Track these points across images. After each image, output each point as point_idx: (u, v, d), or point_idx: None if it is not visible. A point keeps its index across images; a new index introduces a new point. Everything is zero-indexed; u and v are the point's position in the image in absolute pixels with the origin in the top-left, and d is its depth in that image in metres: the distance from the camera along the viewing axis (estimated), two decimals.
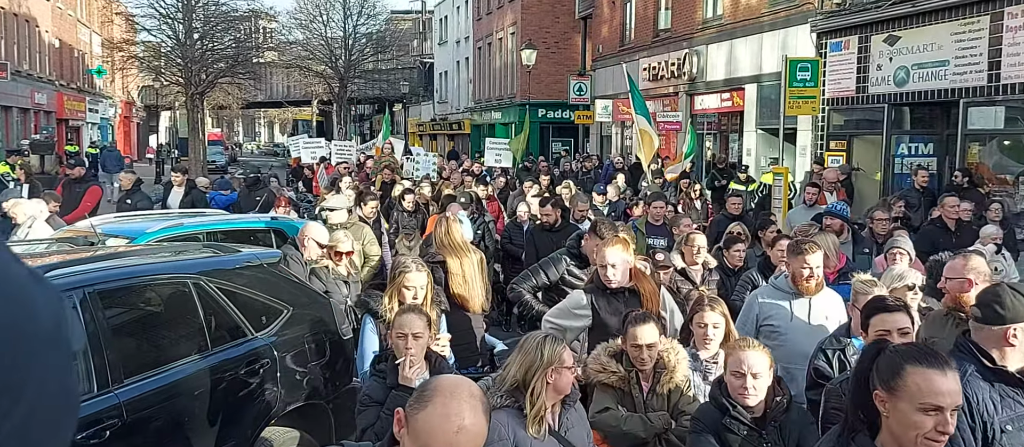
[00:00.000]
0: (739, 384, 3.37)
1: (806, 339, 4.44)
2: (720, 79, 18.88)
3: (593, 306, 4.69)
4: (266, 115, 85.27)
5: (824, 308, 4.74)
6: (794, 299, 4.77)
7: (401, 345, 3.85)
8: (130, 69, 38.26)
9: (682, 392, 3.96)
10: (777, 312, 4.78)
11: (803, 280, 4.72)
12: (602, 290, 4.71)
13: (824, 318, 4.68)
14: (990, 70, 11.83)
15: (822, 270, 4.81)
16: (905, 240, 6.24)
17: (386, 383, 3.81)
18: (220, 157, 44.22)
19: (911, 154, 13.96)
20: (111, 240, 6.52)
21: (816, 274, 4.73)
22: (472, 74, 37.39)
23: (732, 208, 9.62)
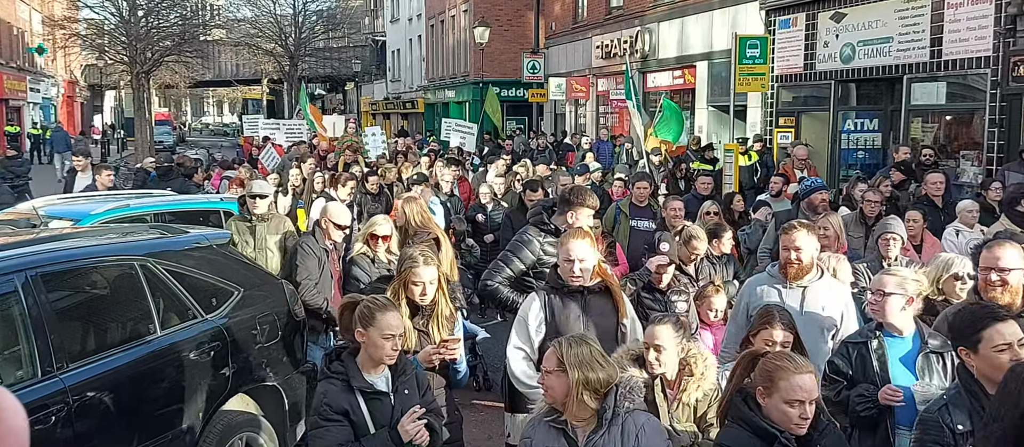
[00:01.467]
0: (797, 413, 2.90)
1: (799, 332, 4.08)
2: (672, 57, 19.03)
3: (546, 309, 4.12)
4: (215, 94, 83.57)
5: (819, 297, 4.33)
6: (785, 287, 4.37)
7: (385, 348, 3.35)
8: (72, 47, 37.07)
9: (710, 403, 3.65)
10: (766, 301, 4.33)
11: (788, 264, 4.34)
12: (560, 289, 4.15)
13: (819, 308, 4.31)
14: (932, 47, 12.13)
15: (812, 253, 4.37)
16: (898, 225, 5.90)
17: (346, 385, 3.35)
18: (168, 137, 43.30)
19: (857, 130, 14.27)
20: (54, 222, 6.35)
21: (803, 258, 4.32)
22: (425, 52, 37.07)
23: (701, 188, 9.34)
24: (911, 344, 3.78)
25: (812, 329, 4.22)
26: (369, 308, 3.37)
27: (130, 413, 4.15)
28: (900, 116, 13.09)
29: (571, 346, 3.07)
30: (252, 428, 4.87)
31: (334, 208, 6.24)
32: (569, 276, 4.10)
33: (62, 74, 44.46)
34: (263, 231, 6.80)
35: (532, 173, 11.76)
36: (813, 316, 4.30)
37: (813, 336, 4.21)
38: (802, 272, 4.35)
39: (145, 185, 11.57)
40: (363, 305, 3.41)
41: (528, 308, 4.16)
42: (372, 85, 45.28)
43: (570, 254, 4.08)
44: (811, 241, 4.36)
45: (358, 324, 3.37)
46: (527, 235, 4.95)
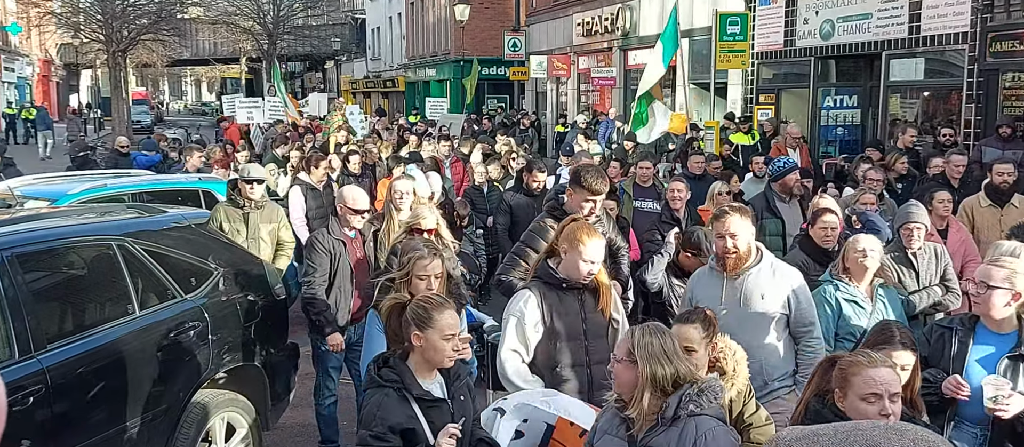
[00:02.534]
0: (876, 409, 2.66)
1: (737, 327, 3.85)
2: (653, 34, 18.98)
3: (543, 308, 3.82)
4: (193, 73, 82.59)
5: (759, 287, 4.05)
6: (726, 278, 4.11)
7: (445, 351, 3.12)
8: (47, 26, 36.45)
9: (745, 402, 3.45)
10: (707, 294, 4.14)
11: (725, 254, 4.07)
12: (554, 285, 3.85)
13: (759, 299, 4.05)
14: (910, 23, 12.19)
15: (749, 239, 4.09)
16: (921, 212, 5.49)
17: (401, 394, 3.07)
18: (145, 116, 42.81)
19: (836, 106, 14.35)
20: (30, 202, 6.29)
21: (739, 245, 4.03)
22: (405, 30, 36.78)
23: (694, 167, 9.10)
24: (1007, 343, 3.50)
25: (752, 322, 4.02)
26: (424, 308, 3.12)
27: (109, 394, 4.13)
28: (879, 92, 13.18)
29: (644, 336, 2.86)
30: (233, 408, 4.87)
31: (350, 192, 5.63)
32: (576, 275, 3.80)
33: (37, 53, 43.75)
34: (256, 219, 6.33)
35: (515, 149, 11.71)
36: (753, 308, 4.04)
37: (755, 330, 4.00)
38: (741, 261, 4.06)
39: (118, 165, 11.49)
40: (416, 305, 3.16)
41: (524, 306, 3.83)
42: (352, 63, 44.91)
43: (585, 255, 3.75)
44: (746, 225, 4.07)
45: (412, 326, 3.11)
46: (540, 226, 4.71)
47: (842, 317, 4.50)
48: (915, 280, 5.30)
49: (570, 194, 4.70)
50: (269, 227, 6.38)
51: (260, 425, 5.09)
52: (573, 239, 3.78)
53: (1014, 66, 10.95)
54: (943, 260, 5.43)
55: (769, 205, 6.67)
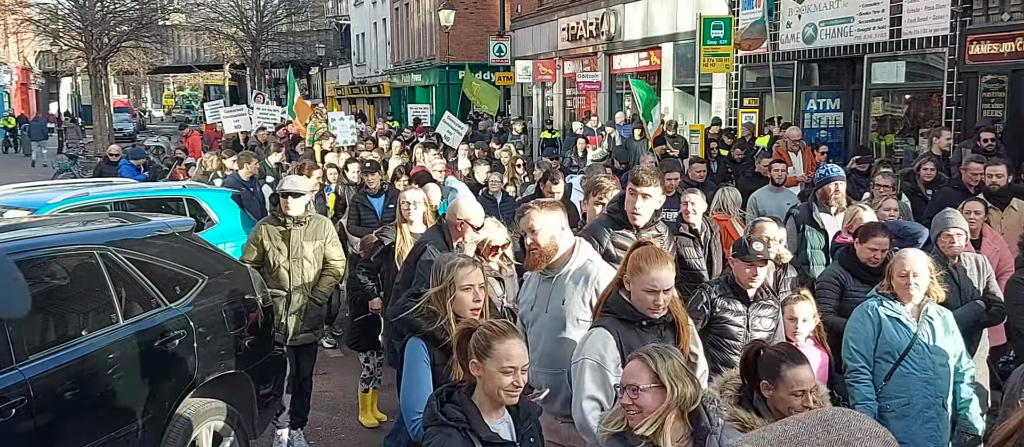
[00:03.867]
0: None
1: (543, 334, 3.80)
2: (637, 38, 19.08)
3: (622, 348, 3.32)
4: (176, 80, 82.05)
5: (565, 291, 3.79)
6: (540, 279, 3.95)
7: (504, 384, 2.82)
8: (25, 33, 36.10)
9: None
10: (525, 296, 4.09)
11: (529, 252, 3.88)
12: (634, 322, 3.38)
13: (560, 304, 3.79)
14: (892, 26, 12.31)
15: (552, 233, 3.78)
16: (959, 218, 5.19)
17: (465, 435, 2.79)
18: (127, 124, 42.52)
19: (820, 109, 14.45)
20: (11, 212, 6.21)
21: (541, 240, 3.75)
22: (390, 36, 36.73)
23: (695, 175, 8.75)
24: None
25: (555, 329, 3.72)
26: (485, 335, 2.86)
27: (93, 404, 4.08)
28: (861, 95, 13.29)
29: (664, 359, 2.73)
30: (219, 417, 4.82)
31: (467, 205, 5.11)
32: (649, 309, 3.36)
33: (15, 61, 43.34)
34: (299, 237, 5.77)
35: (514, 158, 11.41)
36: (556, 313, 3.74)
37: (558, 338, 3.72)
38: (543, 257, 3.76)
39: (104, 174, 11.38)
40: (478, 332, 2.90)
41: (603, 348, 3.33)
42: (337, 70, 44.78)
43: (654, 284, 3.32)
44: (550, 220, 3.75)
45: (472, 355, 2.87)
46: (598, 226, 4.54)
47: (882, 335, 4.24)
48: (956, 295, 4.96)
49: (631, 193, 4.49)
50: (314, 245, 5.80)
51: (247, 434, 5.04)
52: (635, 266, 3.37)
53: (993, 68, 11.07)
54: (986, 271, 5.16)
55: (812, 216, 6.20)
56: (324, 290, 5.92)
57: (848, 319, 4.44)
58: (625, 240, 4.37)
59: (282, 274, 5.76)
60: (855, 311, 4.36)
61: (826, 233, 6.07)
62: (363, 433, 6.28)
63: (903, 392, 4.19)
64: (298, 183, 5.97)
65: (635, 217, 4.48)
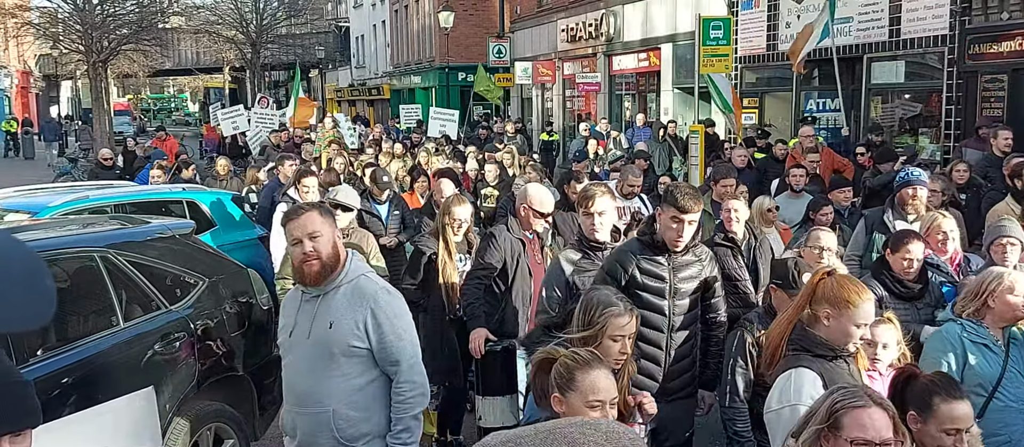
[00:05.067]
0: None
1: (306, 362, 3.33)
2: (636, 39, 19.09)
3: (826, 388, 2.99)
4: (176, 83, 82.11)
5: (332, 311, 3.26)
6: (303, 296, 3.41)
7: None
8: (25, 36, 36.11)
9: None
10: (287, 317, 3.51)
11: (299, 263, 3.30)
12: (826, 358, 3.09)
13: (326, 327, 3.26)
14: (891, 26, 12.32)
15: (331, 240, 3.26)
16: (1015, 227, 4.82)
17: None
18: (128, 127, 42.51)
19: (819, 110, 14.45)
20: (11, 215, 6.22)
21: (319, 249, 3.20)
22: (389, 38, 36.75)
23: (739, 161, 8.71)
24: None
25: (321, 357, 3.20)
26: (567, 366, 2.60)
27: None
28: (861, 95, 13.29)
29: (889, 405, 2.49)
30: (220, 419, 4.82)
31: (536, 192, 4.99)
32: (851, 343, 3.08)
33: (15, 64, 43.35)
34: None
35: (515, 160, 11.28)
36: (320, 337, 3.22)
37: (323, 367, 3.21)
38: (325, 270, 3.20)
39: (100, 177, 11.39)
40: (560, 362, 2.63)
41: (813, 390, 2.92)
42: (337, 72, 44.81)
43: (866, 318, 3.06)
44: (324, 223, 3.21)
45: (553, 388, 2.60)
46: (624, 251, 4.07)
47: (969, 365, 3.70)
48: None
49: (660, 214, 4.00)
50: None
51: (248, 436, 5.04)
52: (839, 300, 3.05)
53: (992, 68, 11.08)
54: None
55: (883, 220, 5.70)
56: None
57: None
58: (655, 266, 3.97)
59: None
60: (932, 339, 3.87)
61: None
62: None
63: (1003, 429, 3.62)
64: (351, 196, 5.69)
65: (676, 244, 3.95)
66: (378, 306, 3.18)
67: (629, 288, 3.85)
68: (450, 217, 5.35)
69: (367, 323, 3.16)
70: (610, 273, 3.97)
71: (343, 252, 3.27)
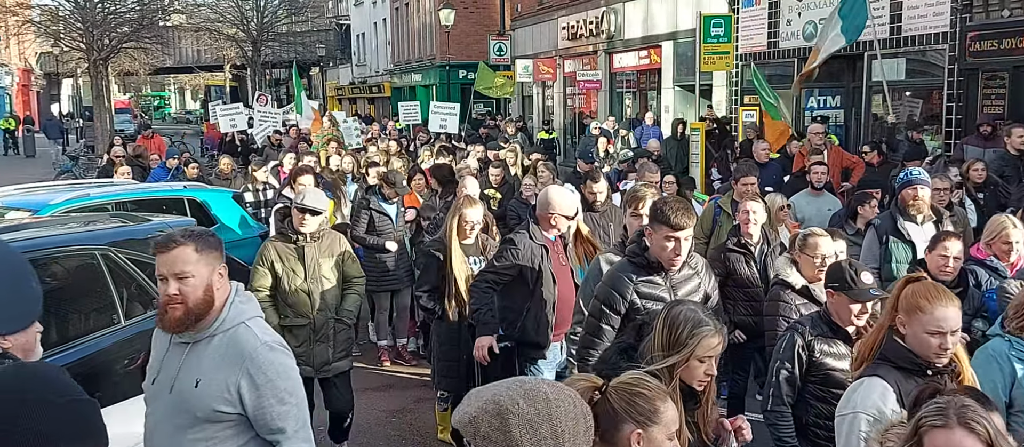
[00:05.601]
0: None
1: (163, 421, 2.77)
2: (637, 37, 19.08)
3: (902, 402, 2.86)
4: (176, 81, 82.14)
5: (201, 366, 2.69)
6: (172, 342, 2.83)
7: None
8: (26, 34, 36.16)
9: None
10: (153, 361, 2.98)
11: (164, 305, 2.73)
12: (913, 371, 2.92)
13: (192, 385, 2.69)
14: (892, 23, 12.30)
15: (204, 285, 2.63)
16: None
17: None
18: (128, 125, 42.57)
19: (820, 107, 14.44)
20: (12, 213, 6.22)
21: (185, 293, 2.64)
22: (390, 35, 36.75)
23: (760, 156, 8.56)
24: None
25: (182, 419, 2.70)
26: (645, 396, 2.32)
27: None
28: (862, 92, 13.28)
29: (988, 420, 2.24)
30: None
31: (560, 197, 4.81)
32: (934, 353, 2.88)
33: (16, 63, 43.39)
34: (315, 254, 5.22)
35: (519, 159, 10.95)
36: (183, 395, 2.70)
37: (185, 431, 2.70)
38: (189, 315, 2.66)
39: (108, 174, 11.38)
40: (632, 395, 2.32)
41: (881, 402, 2.83)
42: (338, 70, 44.82)
43: (940, 325, 2.85)
44: (206, 260, 2.67)
45: (628, 423, 2.30)
46: (619, 276, 3.75)
47: (1018, 383, 3.40)
48: None
49: (649, 233, 3.71)
50: (331, 261, 5.27)
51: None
52: (911, 305, 2.92)
53: (993, 65, 11.06)
54: None
55: (896, 226, 5.52)
56: (351, 308, 5.35)
57: None
58: (653, 288, 3.69)
59: (301, 298, 5.15)
60: (979, 355, 3.55)
61: (913, 245, 5.41)
62: None
63: None
64: (319, 199, 5.34)
65: (674, 263, 3.70)
66: (256, 365, 2.63)
67: (630, 316, 3.65)
68: (461, 219, 5.22)
69: (240, 386, 2.63)
70: (607, 303, 3.70)
71: (220, 295, 2.70)
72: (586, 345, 3.74)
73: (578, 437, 1.58)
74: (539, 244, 4.67)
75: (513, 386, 1.60)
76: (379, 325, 7.81)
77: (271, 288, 5.16)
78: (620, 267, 3.82)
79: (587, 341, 3.75)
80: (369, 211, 7.38)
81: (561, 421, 1.57)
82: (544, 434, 1.55)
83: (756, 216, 5.37)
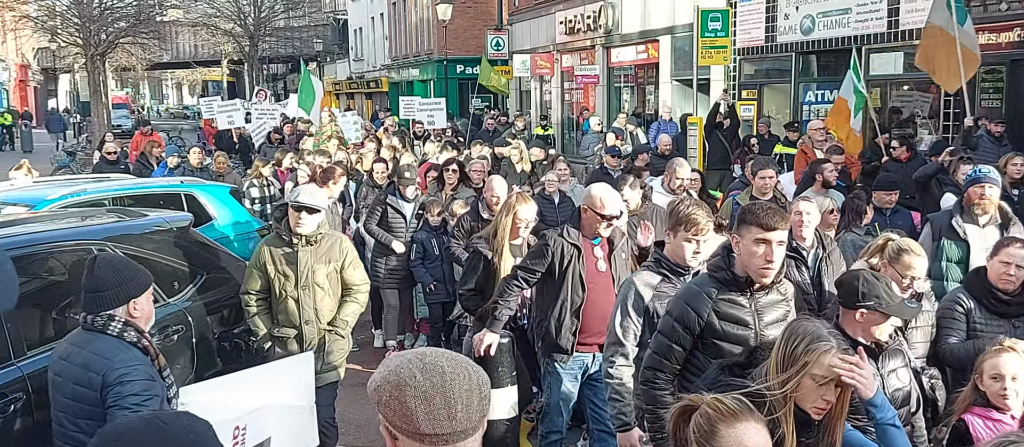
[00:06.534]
0: None
1: None
2: (635, 31, 19.05)
3: None
4: (174, 76, 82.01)
5: None
6: None
7: None
8: (23, 30, 36.07)
9: None
10: None
11: None
12: None
13: None
14: (889, 17, 12.29)
15: None
16: None
17: None
18: (126, 121, 42.51)
19: (818, 101, 14.44)
20: (8, 208, 6.22)
21: None
22: (388, 30, 36.69)
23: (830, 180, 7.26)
24: None
25: None
26: (708, 417, 2.18)
27: None
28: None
29: None
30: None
31: (601, 192, 4.41)
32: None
33: (13, 58, 43.29)
34: (308, 259, 4.81)
35: (524, 155, 10.73)
36: None
37: None
38: None
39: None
40: (700, 412, 2.21)
41: None
42: (335, 65, 44.75)
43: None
44: None
45: (692, 443, 2.20)
46: (695, 295, 3.29)
47: None
48: None
49: (736, 241, 3.22)
50: (327, 268, 4.86)
51: None
52: None
53: (991, 59, 11.06)
54: None
55: (951, 224, 5.24)
56: (347, 318, 5.01)
57: None
58: (736, 309, 3.22)
59: (290, 306, 4.83)
60: None
61: (968, 245, 5.13)
62: None
63: None
64: (316, 195, 4.92)
65: (766, 273, 3.18)
66: None
67: (705, 337, 3.22)
68: (516, 218, 4.94)
69: None
70: (681, 320, 3.26)
71: None
72: (653, 366, 3.33)
73: (471, 407, 1.67)
74: (571, 244, 4.42)
75: (415, 359, 1.69)
76: (387, 325, 7.60)
77: (264, 293, 4.91)
78: (700, 281, 3.37)
79: (654, 361, 3.33)
80: (384, 206, 7.30)
81: (454, 393, 1.66)
82: (437, 405, 1.64)
83: (809, 218, 4.89)
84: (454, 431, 1.65)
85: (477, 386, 1.71)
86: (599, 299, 4.42)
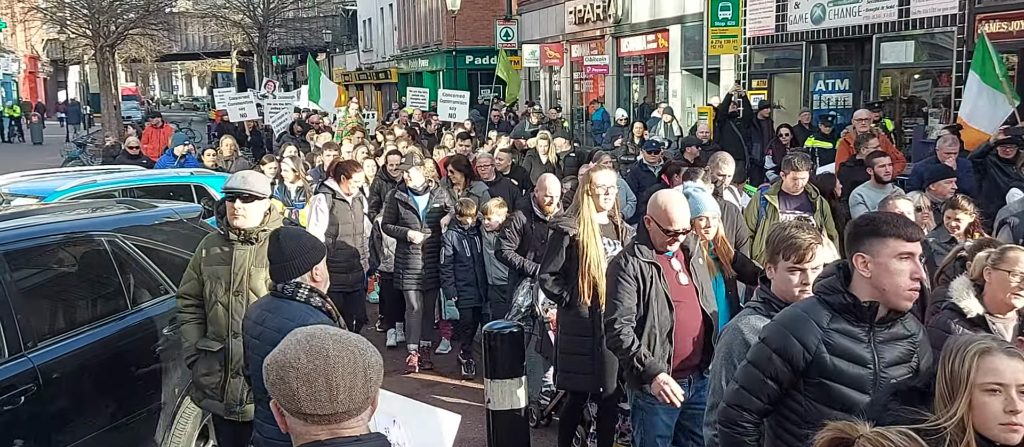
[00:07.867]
0: None
1: None
2: (644, 21, 18.97)
3: None
4: (183, 68, 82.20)
5: None
6: None
7: None
8: (32, 21, 36.22)
9: None
10: None
11: None
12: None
13: None
14: (900, 5, 12.19)
15: None
16: None
17: None
18: (136, 112, 42.64)
19: (828, 90, 14.36)
20: (18, 200, 6.25)
21: None
22: (397, 21, 36.64)
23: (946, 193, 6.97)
24: None
25: None
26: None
27: (103, 391, 4.10)
28: (870, 75, 13.19)
29: None
30: None
31: (669, 202, 3.87)
32: None
33: (23, 49, 43.46)
34: (245, 261, 4.00)
35: (551, 147, 10.23)
36: None
37: None
38: None
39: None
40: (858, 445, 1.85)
41: None
42: (344, 56, 44.75)
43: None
44: None
45: None
46: (801, 323, 2.67)
47: None
48: None
49: (864, 261, 2.61)
50: (266, 272, 3.65)
51: None
52: None
53: (1002, 47, 10.95)
54: None
55: None
56: None
57: None
58: (851, 342, 2.66)
59: (219, 313, 4.01)
60: None
61: None
62: None
63: None
64: (252, 181, 4.07)
65: (911, 296, 2.63)
66: None
67: (809, 375, 2.63)
68: (592, 184, 4.48)
69: None
70: (780, 351, 2.65)
71: None
72: (739, 404, 2.74)
73: (355, 390, 1.70)
74: (647, 262, 3.86)
75: (302, 341, 1.72)
76: (410, 328, 7.13)
77: (197, 298, 4.12)
78: (807, 306, 2.72)
79: (741, 398, 2.74)
80: (395, 203, 6.97)
81: (337, 376, 1.68)
82: (319, 387, 1.68)
83: (961, 223, 4.61)
84: (336, 412, 1.69)
85: (362, 369, 1.72)
86: (687, 317, 3.91)
